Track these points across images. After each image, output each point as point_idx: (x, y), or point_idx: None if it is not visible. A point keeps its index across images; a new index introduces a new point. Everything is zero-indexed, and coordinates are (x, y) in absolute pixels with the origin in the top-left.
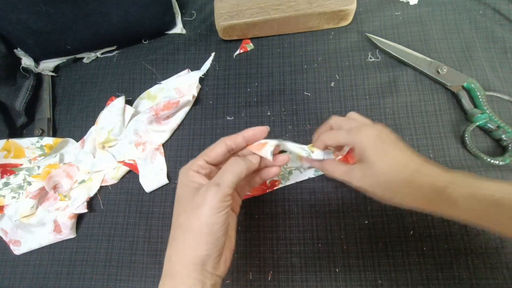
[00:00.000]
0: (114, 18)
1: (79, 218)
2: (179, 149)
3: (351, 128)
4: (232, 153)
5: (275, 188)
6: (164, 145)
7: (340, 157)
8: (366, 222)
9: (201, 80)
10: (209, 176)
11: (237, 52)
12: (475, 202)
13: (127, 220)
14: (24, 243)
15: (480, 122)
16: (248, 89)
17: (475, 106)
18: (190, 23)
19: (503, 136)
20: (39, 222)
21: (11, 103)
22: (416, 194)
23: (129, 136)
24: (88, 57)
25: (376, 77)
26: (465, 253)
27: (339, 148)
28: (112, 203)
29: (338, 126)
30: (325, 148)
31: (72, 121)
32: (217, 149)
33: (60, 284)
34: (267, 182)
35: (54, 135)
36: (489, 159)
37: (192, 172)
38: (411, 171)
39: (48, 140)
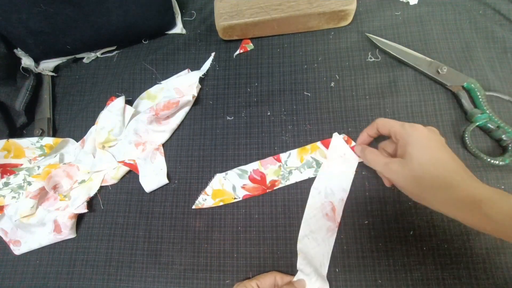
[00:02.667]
0: (114, 18)
1: (79, 218)
2: (179, 149)
3: (404, 123)
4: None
5: (275, 188)
6: (164, 145)
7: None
8: (366, 222)
9: (201, 80)
10: None
11: (237, 52)
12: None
13: (127, 220)
14: (24, 243)
15: (480, 122)
16: (248, 89)
17: (475, 106)
18: (190, 23)
19: (503, 136)
20: (39, 222)
21: (11, 103)
22: (449, 198)
23: (129, 136)
24: (88, 57)
25: (376, 77)
26: (465, 253)
27: (385, 145)
28: (112, 203)
29: (384, 123)
30: (375, 134)
31: (72, 121)
32: (268, 279)
33: (60, 284)
34: (267, 182)
35: (54, 135)
36: (489, 159)
37: None
38: (449, 174)
39: (48, 140)
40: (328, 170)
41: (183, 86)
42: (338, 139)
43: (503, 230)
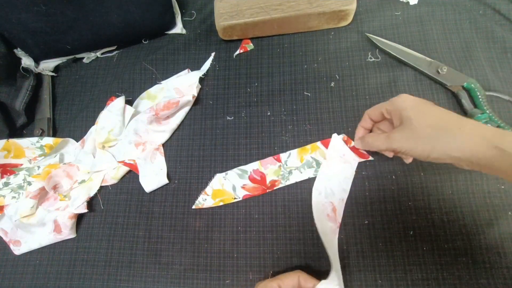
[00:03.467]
0: (114, 18)
1: (79, 218)
2: (179, 149)
3: (391, 98)
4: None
5: (275, 188)
6: (164, 145)
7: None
8: (366, 222)
9: (201, 80)
10: None
11: (237, 52)
12: None
13: (127, 220)
14: (24, 243)
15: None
16: (248, 89)
17: (475, 106)
18: (190, 23)
19: None
20: (39, 222)
21: (11, 103)
22: (458, 139)
23: (129, 136)
24: (88, 57)
25: (376, 77)
26: (465, 253)
27: (382, 124)
28: (112, 203)
29: (374, 109)
30: (369, 124)
31: (72, 121)
32: (290, 280)
33: (60, 284)
34: (267, 182)
35: (54, 135)
36: None
37: None
38: (454, 120)
39: (48, 140)
40: (327, 170)
41: (183, 86)
42: (337, 140)
43: None
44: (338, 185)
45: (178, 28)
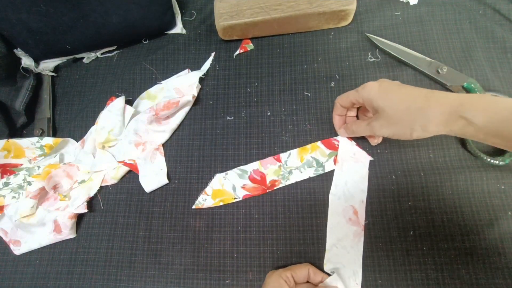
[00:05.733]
0: (114, 18)
1: (79, 218)
2: (179, 149)
3: (357, 88)
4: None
5: (275, 188)
6: (164, 145)
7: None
8: (366, 222)
9: (201, 80)
10: None
11: (237, 52)
12: (491, 115)
13: (127, 220)
14: (24, 243)
15: None
16: (248, 89)
17: None
18: (190, 23)
19: None
20: (39, 222)
21: (11, 103)
22: (433, 116)
23: (129, 136)
24: (88, 57)
25: (376, 77)
26: (465, 253)
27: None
28: (112, 203)
29: (342, 97)
30: (343, 111)
31: (72, 121)
32: (302, 271)
33: (60, 284)
34: (267, 182)
35: (54, 135)
36: (489, 159)
37: (282, 281)
38: (422, 99)
39: (48, 140)
40: (342, 173)
41: (183, 86)
42: (345, 141)
43: (487, 128)
44: (356, 187)
45: (178, 28)
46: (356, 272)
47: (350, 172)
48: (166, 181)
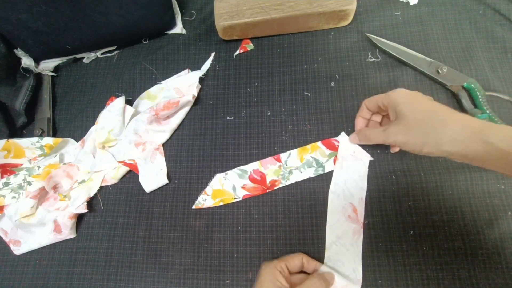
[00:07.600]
0: (114, 18)
1: (79, 218)
2: (179, 149)
3: (388, 92)
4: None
5: (275, 188)
6: (164, 145)
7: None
8: (366, 222)
9: (201, 80)
10: (286, 279)
11: (237, 52)
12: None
13: (127, 220)
14: (24, 243)
15: None
16: (248, 89)
17: (475, 106)
18: (190, 23)
19: None
20: (39, 222)
21: (11, 103)
22: (449, 134)
23: (129, 136)
24: (88, 57)
25: (376, 77)
26: (465, 253)
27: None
28: (112, 203)
29: (370, 100)
30: (368, 115)
31: (72, 121)
32: (296, 261)
33: (60, 284)
34: (267, 182)
35: (54, 135)
36: None
37: (277, 272)
38: (446, 113)
39: (48, 140)
40: (341, 172)
41: (183, 86)
42: (345, 139)
43: (505, 158)
44: (355, 185)
45: (178, 28)
46: (356, 269)
47: (349, 170)
48: (166, 181)
